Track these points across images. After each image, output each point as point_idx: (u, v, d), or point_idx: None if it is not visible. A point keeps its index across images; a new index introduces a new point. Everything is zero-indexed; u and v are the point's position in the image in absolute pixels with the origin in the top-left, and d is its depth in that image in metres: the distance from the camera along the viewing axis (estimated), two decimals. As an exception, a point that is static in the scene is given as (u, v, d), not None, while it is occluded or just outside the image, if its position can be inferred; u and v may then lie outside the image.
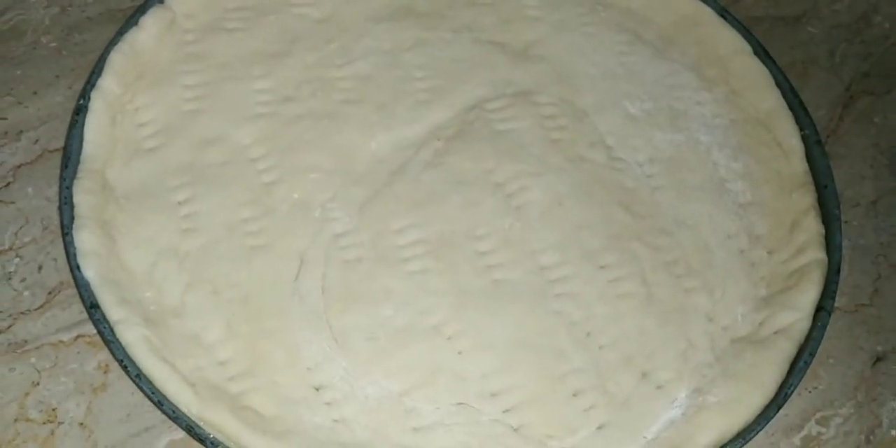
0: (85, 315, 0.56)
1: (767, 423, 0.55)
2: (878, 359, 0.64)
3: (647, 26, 0.73)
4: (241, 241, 0.59)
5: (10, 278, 0.58)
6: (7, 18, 0.69)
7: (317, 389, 0.54)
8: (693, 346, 0.58)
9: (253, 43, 0.67)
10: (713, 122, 0.69)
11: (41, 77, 0.66)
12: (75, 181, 0.58)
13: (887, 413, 0.62)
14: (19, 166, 0.63)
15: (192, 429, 0.51)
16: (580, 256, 0.60)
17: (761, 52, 0.71)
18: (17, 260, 0.59)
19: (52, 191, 0.61)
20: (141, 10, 0.65)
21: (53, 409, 0.54)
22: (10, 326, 0.57)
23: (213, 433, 0.52)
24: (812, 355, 0.57)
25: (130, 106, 0.63)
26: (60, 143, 0.62)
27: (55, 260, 0.59)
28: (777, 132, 0.68)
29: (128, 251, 0.57)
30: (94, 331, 0.55)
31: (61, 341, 0.57)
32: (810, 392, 0.62)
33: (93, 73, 0.62)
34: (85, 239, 0.56)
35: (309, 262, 0.58)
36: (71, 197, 0.57)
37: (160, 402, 0.52)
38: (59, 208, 0.57)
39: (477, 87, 0.67)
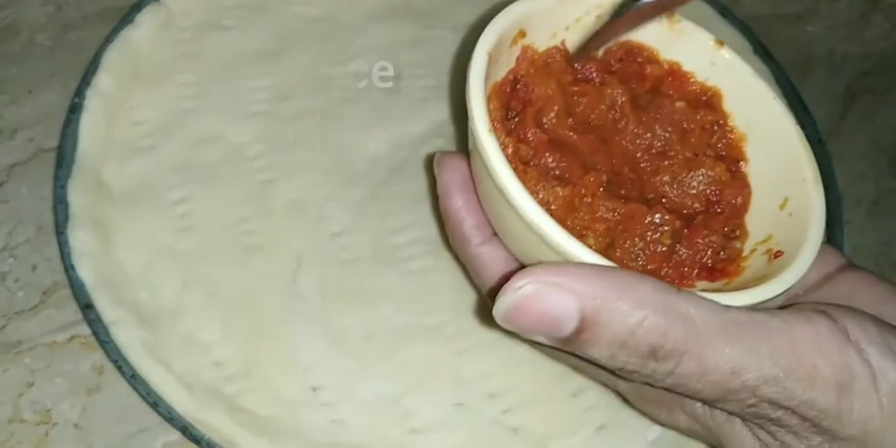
0: (80, 315, 0.55)
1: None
2: (880, 359, 0.63)
3: (646, 24, 0.73)
4: (238, 240, 0.58)
5: (3, 278, 0.58)
6: (2, 17, 0.68)
7: (314, 390, 0.54)
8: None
9: (250, 41, 0.66)
10: (714, 121, 0.68)
11: (36, 75, 0.66)
12: (70, 180, 0.57)
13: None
14: (13, 165, 0.62)
15: (187, 430, 0.51)
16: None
17: (761, 51, 0.71)
18: (10, 260, 0.58)
19: (47, 190, 0.60)
20: (137, 8, 0.64)
21: (48, 411, 0.54)
22: (3, 327, 0.56)
23: (208, 434, 0.51)
24: (814, 355, 0.57)
25: (126, 104, 0.62)
26: (55, 142, 0.61)
27: (49, 260, 0.58)
28: (778, 131, 0.67)
29: (123, 251, 0.56)
30: (89, 331, 0.54)
31: (55, 342, 0.56)
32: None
33: (88, 71, 0.61)
34: (79, 238, 0.55)
35: (306, 262, 0.58)
36: (66, 196, 0.56)
37: (155, 403, 0.51)
38: (54, 208, 0.57)
39: (476, 84, 0.67)
